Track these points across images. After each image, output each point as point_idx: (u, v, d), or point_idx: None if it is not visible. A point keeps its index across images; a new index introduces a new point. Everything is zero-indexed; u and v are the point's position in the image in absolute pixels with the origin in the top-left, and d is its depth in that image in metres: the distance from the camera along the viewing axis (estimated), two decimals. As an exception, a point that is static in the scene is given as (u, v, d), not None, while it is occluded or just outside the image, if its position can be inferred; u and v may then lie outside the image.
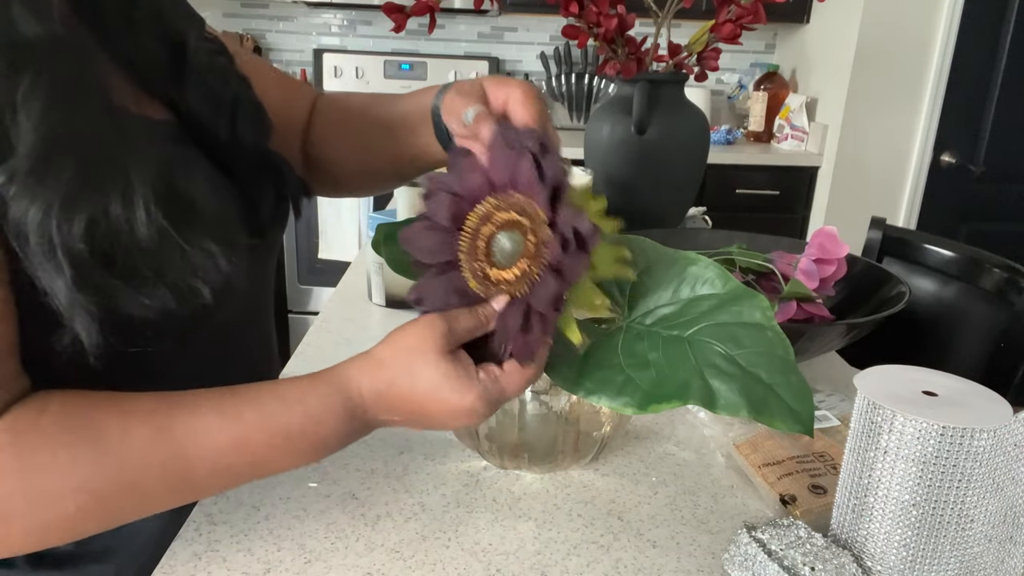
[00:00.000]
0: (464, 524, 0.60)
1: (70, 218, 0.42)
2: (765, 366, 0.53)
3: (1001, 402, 0.50)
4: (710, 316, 0.56)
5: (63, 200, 0.42)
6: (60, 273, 0.43)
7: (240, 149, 0.61)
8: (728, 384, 0.52)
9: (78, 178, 0.43)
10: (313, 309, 2.64)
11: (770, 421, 0.51)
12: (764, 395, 0.51)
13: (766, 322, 0.54)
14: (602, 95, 2.94)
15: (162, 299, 0.47)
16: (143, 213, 0.45)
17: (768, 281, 0.86)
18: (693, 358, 0.53)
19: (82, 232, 0.43)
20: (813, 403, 0.52)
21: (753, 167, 2.59)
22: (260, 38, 2.94)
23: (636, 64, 1.13)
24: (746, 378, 0.52)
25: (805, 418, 0.51)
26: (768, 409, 0.51)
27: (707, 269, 0.57)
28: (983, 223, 2.61)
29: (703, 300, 0.57)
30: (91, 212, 0.43)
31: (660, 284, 0.58)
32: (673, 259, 0.59)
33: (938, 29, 2.41)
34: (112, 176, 0.45)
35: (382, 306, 1.05)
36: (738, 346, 0.54)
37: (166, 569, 0.54)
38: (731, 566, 0.53)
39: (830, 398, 0.76)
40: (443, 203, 0.51)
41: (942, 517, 0.49)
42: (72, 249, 0.43)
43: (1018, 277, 1.08)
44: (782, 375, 0.52)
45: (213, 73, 0.60)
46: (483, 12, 2.82)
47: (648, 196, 1.16)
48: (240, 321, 0.64)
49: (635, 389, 0.52)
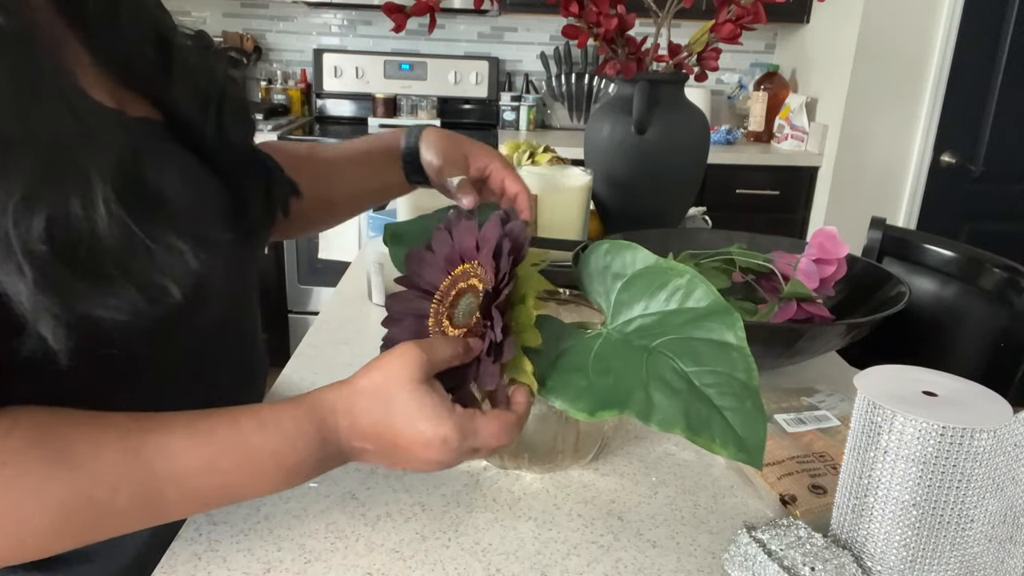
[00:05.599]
0: (464, 524, 0.60)
1: (28, 217, 0.41)
2: (719, 387, 0.51)
3: (1001, 402, 0.50)
4: (681, 330, 0.55)
5: (20, 198, 0.41)
6: (21, 275, 0.41)
7: (227, 147, 0.60)
8: (670, 400, 0.51)
9: (34, 175, 0.42)
10: (313, 309, 2.64)
11: (709, 445, 0.49)
12: (708, 416, 0.50)
13: (735, 342, 0.53)
14: (602, 95, 2.94)
15: (129, 299, 0.46)
16: (103, 210, 0.44)
17: (768, 281, 0.86)
18: (644, 369, 0.53)
19: (41, 231, 0.41)
20: (765, 433, 0.50)
21: (753, 167, 2.59)
22: (260, 38, 2.94)
23: (636, 64, 1.13)
24: (692, 397, 0.51)
25: (751, 446, 0.49)
26: (708, 431, 0.49)
27: (691, 283, 0.56)
28: (983, 223, 2.61)
29: (682, 313, 0.56)
30: (50, 210, 0.42)
31: (644, 293, 0.58)
32: (661, 269, 0.58)
33: (938, 29, 2.41)
34: (70, 172, 0.43)
35: (382, 306, 1.05)
36: (696, 363, 0.53)
37: (166, 569, 0.54)
38: (731, 566, 0.53)
39: (830, 398, 0.76)
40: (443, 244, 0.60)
41: (942, 517, 0.48)
42: (32, 249, 0.41)
43: (1018, 277, 1.08)
44: (736, 399, 0.51)
45: (200, 70, 0.59)
46: (483, 12, 2.82)
47: (648, 196, 1.16)
48: (224, 319, 0.64)
49: (591, 395, 0.52)
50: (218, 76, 0.62)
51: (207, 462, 0.47)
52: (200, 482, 0.47)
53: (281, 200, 0.68)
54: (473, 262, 0.57)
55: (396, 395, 0.48)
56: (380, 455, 0.51)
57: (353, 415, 0.49)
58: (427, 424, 0.48)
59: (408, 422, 0.48)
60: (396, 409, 0.48)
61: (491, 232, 0.55)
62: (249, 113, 0.65)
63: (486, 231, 0.56)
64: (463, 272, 0.58)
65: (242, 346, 0.70)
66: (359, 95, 2.92)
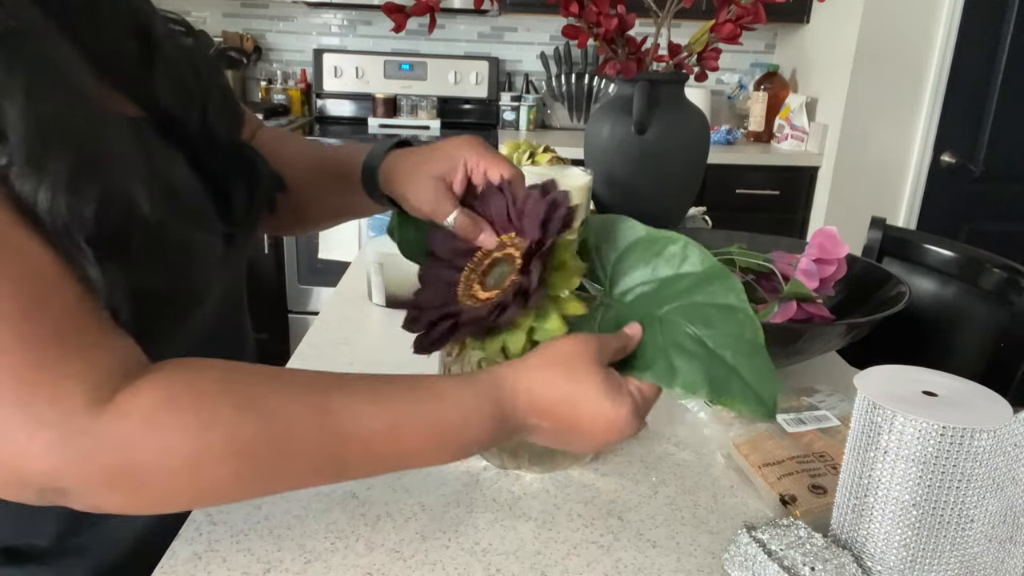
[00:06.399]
0: (464, 524, 0.60)
1: (81, 206, 0.42)
2: (731, 347, 0.53)
3: (1001, 402, 0.50)
4: (685, 295, 0.56)
5: (68, 182, 0.41)
6: (90, 263, 0.42)
7: (212, 141, 0.60)
8: (691, 363, 0.52)
9: (78, 161, 0.42)
10: (313, 309, 2.64)
11: (731, 403, 0.51)
12: (727, 376, 0.52)
13: (738, 303, 0.55)
14: (602, 95, 2.94)
15: (163, 282, 0.47)
16: (143, 194, 0.45)
17: (768, 281, 0.86)
18: (661, 337, 0.54)
19: (94, 218, 0.42)
20: (777, 387, 0.52)
21: (753, 167, 2.59)
22: (260, 38, 2.93)
23: (636, 64, 1.13)
24: (711, 359, 0.53)
25: (767, 399, 0.51)
26: (729, 390, 0.51)
27: (686, 248, 0.58)
28: (983, 223, 2.61)
29: (681, 279, 0.57)
30: (99, 193, 0.43)
31: (640, 262, 0.59)
32: (654, 238, 0.60)
33: (938, 29, 2.41)
34: (107, 159, 0.45)
35: (382, 306, 1.05)
36: (707, 327, 0.54)
37: (166, 569, 0.54)
38: (731, 566, 0.53)
39: (830, 398, 0.76)
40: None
41: (942, 517, 0.49)
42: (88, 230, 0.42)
43: (1018, 277, 1.08)
44: (747, 357, 0.53)
45: (182, 64, 0.59)
46: (483, 12, 2.82)
47: (648, 196, 1.16)
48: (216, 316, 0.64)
49: None
50: (202, 71, 0.61)
51: (390, 427, 0.47)
52: (382, 447, 0.47)
53: (266, 195, 0.66)
54: (511, 234, 0.59)
55: (582, 375, 0.50)
56: (554, 433, 0.52)
57: (533, 393, 0.50)
58: (613, 406, 0.50)
59: (592, 403, 0.50)
60: (580, 388, 0.50)
61: (535, 201, 0.58)
62: (237, 105, 0.64)
63: (529, 200, 0.59)
64: (499, 243, 0.60)
65: (234, 345, 0.70)
66: (359, 95, 2.92)
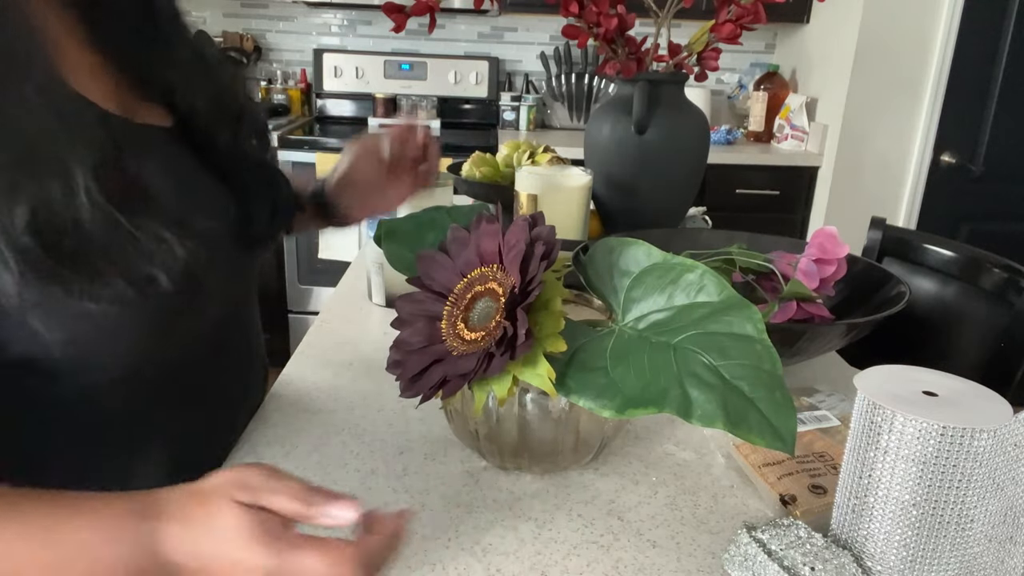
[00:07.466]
0: (464, 524, 0.60)
1: (10, 208, 0.41)
2: (749, 379, 0.52)
3: (1001, 402, 0.50)
4: (700, 324, 0.55)
5: (1, 191, 0.40)
6: (6, 268, 0.41)
7: (240, 160, 0.62)
8: (707, 395, 0.51)
9: (14, 166, 0.41)
10: (313, 309, 2.64)
11: (747, 435, 0.50)
12: (744, 409, 0.50)
13: (756, 335, 0.54)
14: (602, 95, 2.94)
15: (118, 290, 0.46)
16: (85, 199, 0.44)
17: (768, 281, 0.86)
18: (676, 366, 0.53)
19: (25, 223, 0.41)
20: (796, 421, 0.51)
21: (753, 167, 2.59)
22: (260, 38, 2.94)
23: (636, 64, 1.13)
24: (727, 390, 0.51)
25: (786, 435, 0.50)
26: (746, 423, 0.50)
27: (703, 277, 0.57)
28: (983, 223, 2.61)
29: (696, 308, 0.56)
30: (31, 201, 0.41)
31: (655, 289, 0.58)
32: (670, 265, 0.58)
33: (938, 29, 2.41)
34: (50, 163, 0.43)
35: (382, 306, 1.05)
36: (723, 357, 0.53)
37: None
38: (731, 566, 0.53)
39: (830, 398, 0.76)
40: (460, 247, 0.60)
41: (942, 517, 0.48)
42: (17, 242, 0.41)
43: (1018, 277, 1.08)
44: (766, 390, 0.51)
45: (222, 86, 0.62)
46: (483, 12, 2.82)
47: (648, 196, 1.16)
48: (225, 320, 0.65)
49: (616, 393, 0.52)
50: (239, 95, 0.63)
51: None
52: None
53: (285, 217, 0.69)
54: (492, 265, 0.57)
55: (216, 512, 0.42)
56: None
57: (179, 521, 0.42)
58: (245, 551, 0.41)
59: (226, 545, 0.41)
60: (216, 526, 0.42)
61: (518, 236, 0.55)
62: (266, 132, 0.67)
63: (511, 236, 0.56)
64: (480, 275, 0.57)
65: (243, 347, 0.70)
66: (359, 95, 2.92)
